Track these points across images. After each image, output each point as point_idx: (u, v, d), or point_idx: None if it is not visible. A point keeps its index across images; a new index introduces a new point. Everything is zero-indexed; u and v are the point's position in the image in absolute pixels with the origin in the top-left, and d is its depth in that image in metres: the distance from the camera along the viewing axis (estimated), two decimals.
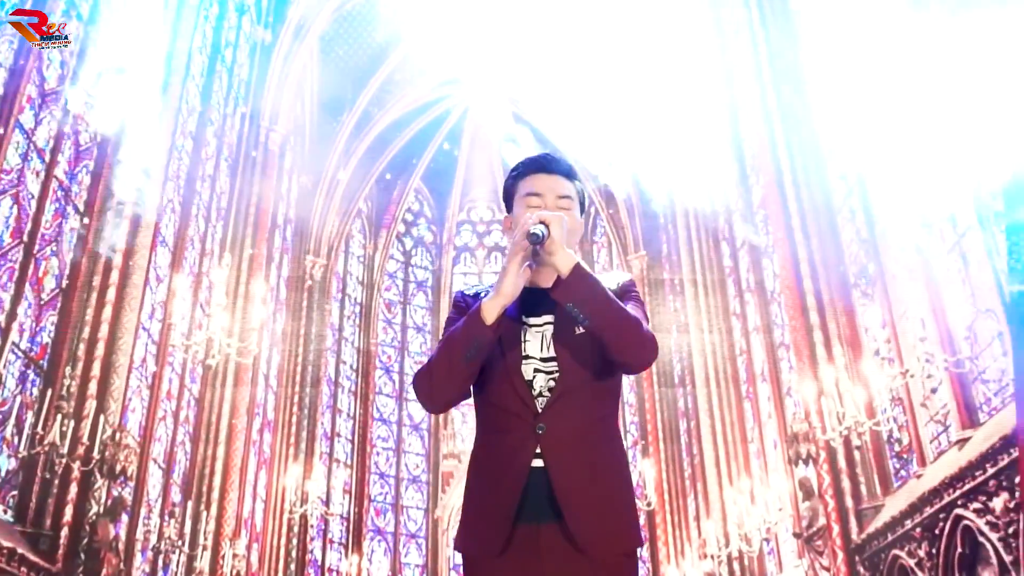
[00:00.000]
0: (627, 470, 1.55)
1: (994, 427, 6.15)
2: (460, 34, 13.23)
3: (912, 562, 7.00)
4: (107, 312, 7.43)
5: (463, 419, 14.97)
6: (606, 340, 1.46)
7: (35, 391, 6.81)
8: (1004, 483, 5.89)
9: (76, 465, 6.66)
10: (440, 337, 1.59)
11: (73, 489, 6.71)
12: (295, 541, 12.32)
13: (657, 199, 13.15)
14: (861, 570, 7.64)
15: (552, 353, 1.52)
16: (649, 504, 11.24)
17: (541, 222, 1.44)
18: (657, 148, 10.83)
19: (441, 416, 16.08)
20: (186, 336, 8.23)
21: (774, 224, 9.52)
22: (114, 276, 7.60)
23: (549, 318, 1.55)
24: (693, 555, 11.38)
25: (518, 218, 1.57)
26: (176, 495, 9.50)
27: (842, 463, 7.92)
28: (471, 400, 1.61)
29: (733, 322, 11.45)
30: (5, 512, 6.34)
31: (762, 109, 9.60)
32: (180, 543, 8.88)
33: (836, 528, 7.88)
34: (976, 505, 6.18)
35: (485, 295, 1.53)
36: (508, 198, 1.66)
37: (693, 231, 12.54)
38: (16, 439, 6.41)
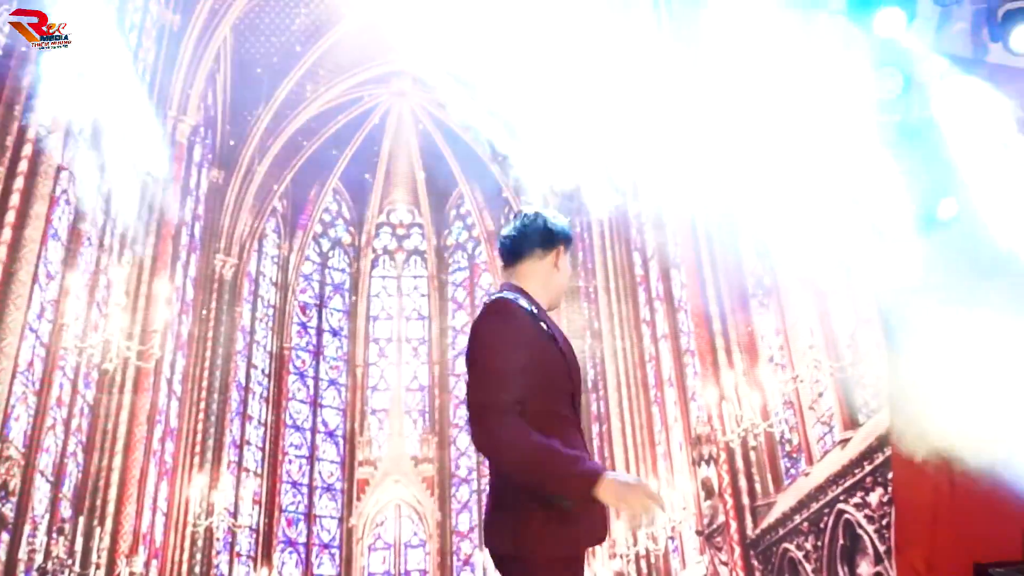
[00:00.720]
0: None
1: (872, 428, 6.76)
2: (384, 31, 13.05)
3: (800, 554, 7.55)
4: None
5: (379, 425, 14.73)
6: None
7: None
8: (879, 479, 6.47)
9: None
10: (500, 353, 1.71)
11: None
12: (199, 556, 11.71)
13: (572, 207, 13.42)
14: (755, 563, 8.15)
15: None
16: None
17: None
18: (570, 156, 11.08)
19: (357, 422, 15.76)
20: (80, 338, 7.73)
21: (681, 236, 10.01)
22: None
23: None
24: (603, 555, 11.73)
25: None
26: (66, 510, 8.84)
27: (740, 463, 8.41)
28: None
29: (643, 329, 11.92)
30: None
31: (667, 128, 9.98)
32: (70, 562, 8.29)
33: (734, 525, 8.36)
34: (856, 500, 6.76)
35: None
36: (558, 241, 1.93)
37: (608, 240, 12.96)
38: None
